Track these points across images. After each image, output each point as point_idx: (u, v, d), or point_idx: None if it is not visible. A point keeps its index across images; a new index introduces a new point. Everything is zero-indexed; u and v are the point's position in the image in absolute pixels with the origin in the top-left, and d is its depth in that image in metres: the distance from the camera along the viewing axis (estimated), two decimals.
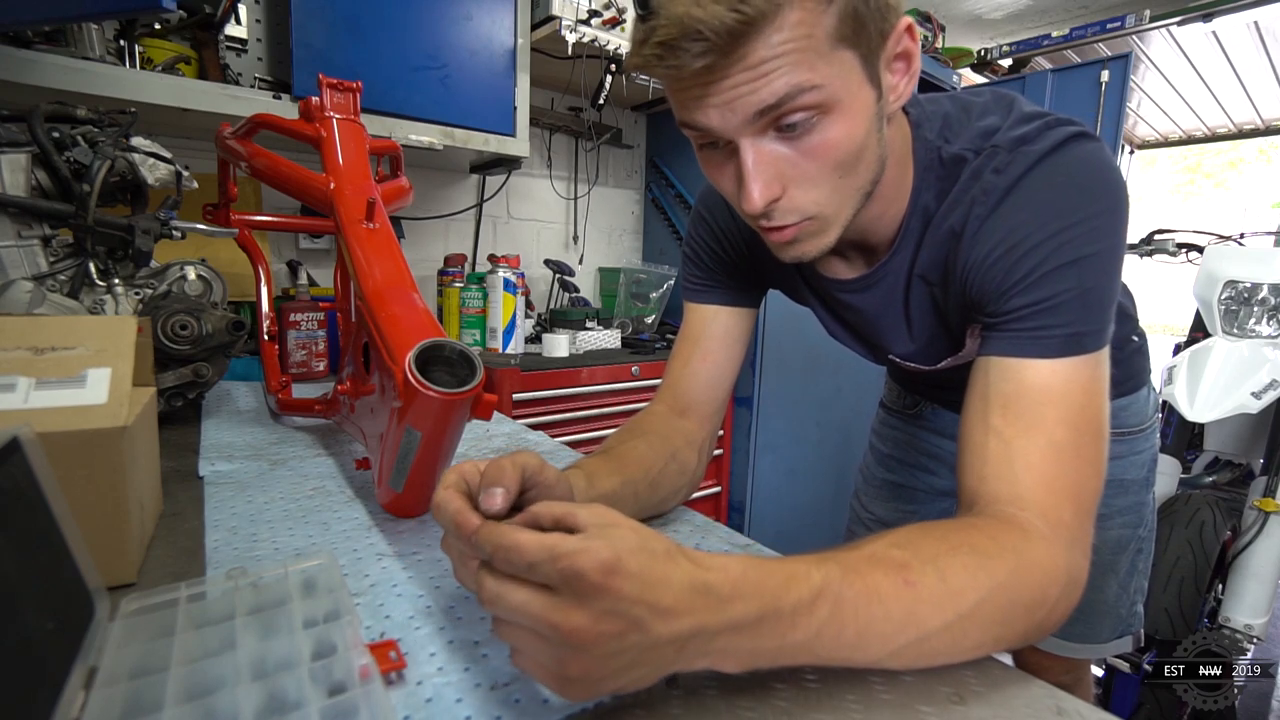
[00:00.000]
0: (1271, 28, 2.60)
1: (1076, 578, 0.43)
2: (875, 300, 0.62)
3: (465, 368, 0.51)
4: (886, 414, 1.02)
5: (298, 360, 1.34)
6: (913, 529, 0.40)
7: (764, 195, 0.47)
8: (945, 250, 0.55)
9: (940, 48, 2.59)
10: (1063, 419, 0.45)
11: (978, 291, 0.51)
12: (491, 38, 1.55)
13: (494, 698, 0.37)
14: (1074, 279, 0.46)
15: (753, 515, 2.01)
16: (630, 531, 0.31)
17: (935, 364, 0.67)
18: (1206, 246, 1.82)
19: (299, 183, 0.81)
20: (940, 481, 0.95)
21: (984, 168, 0.51)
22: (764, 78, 0.42)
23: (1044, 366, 0.46)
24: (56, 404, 0.45)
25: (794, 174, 0.47)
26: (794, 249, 0.52)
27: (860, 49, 0.44)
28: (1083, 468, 0.45)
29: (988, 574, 0.38)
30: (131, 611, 0.38)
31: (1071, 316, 0.46)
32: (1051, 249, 0.47)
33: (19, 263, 0.77)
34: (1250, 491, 1.56)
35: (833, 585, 0.34)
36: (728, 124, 0.45)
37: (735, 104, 0.43)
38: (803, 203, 0.48)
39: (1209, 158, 4.18)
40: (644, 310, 2.09)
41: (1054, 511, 0.43)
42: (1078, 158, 0.49)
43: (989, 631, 0.39)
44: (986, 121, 0.53)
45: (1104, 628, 0.85)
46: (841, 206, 0.50)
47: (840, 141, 0.46)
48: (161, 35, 1.23)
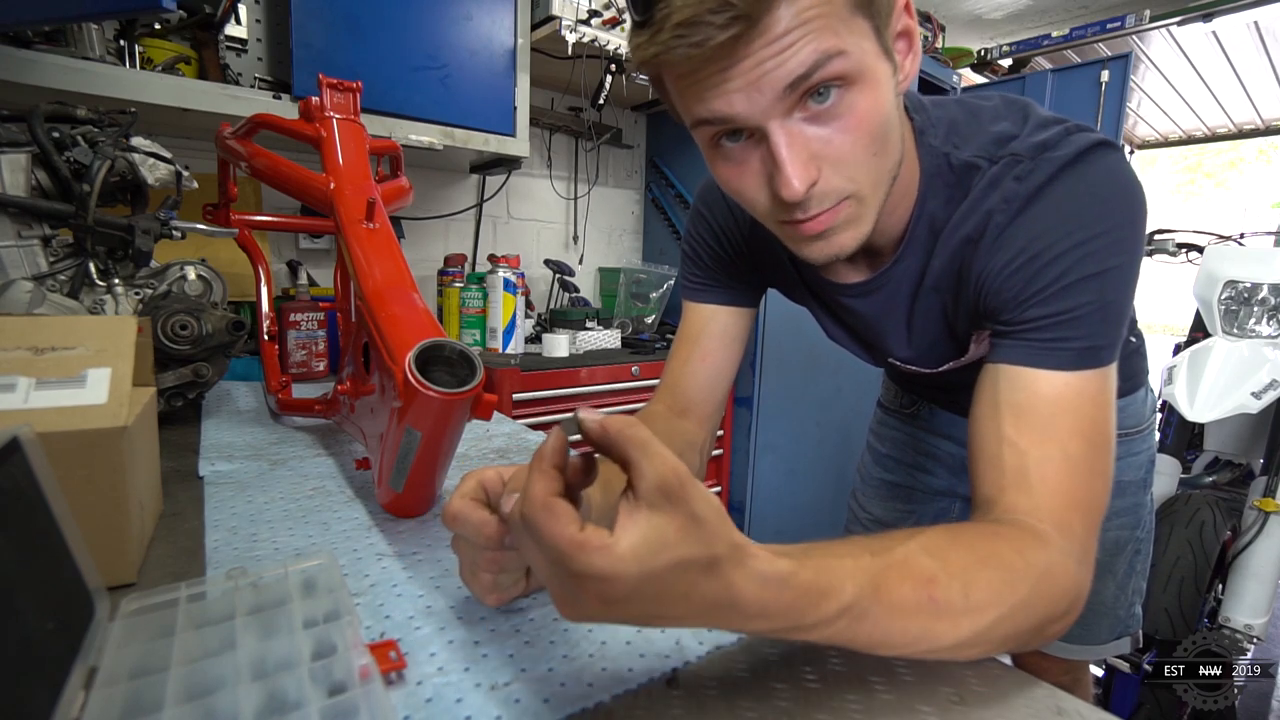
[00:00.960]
0: (1271, 28, 2.60)
1: (1084, 590, 0.43)
2: (877, 305, 0.62)
3: (465, 368, 0.51)
4: (884, 413, 1.02)
5: (298, 360, 1.34)
6: (942, 532, 0.40)
7: (804, 178, 0.44)
8: (959, 258, 0.54)
9: (940, 48, 2.59)
10: (1076, 431, 0.45)
11: (994, 298, 0.50)
12: (491, 38, 1.55)
13: (494, 698, 0.37)
14: (1096, 292, 0.46)
15: (753, 515, 2.01)
16: (678, 529, 0.29)
17: (937, 367, 0.67)
18: (1206, 246, 1.82)
19: (299, 183, 0.81)
20: (937, 481, 0.95)
21: (1003, 175, 0.50)
22: (790, 48, 0.40)
23: (1058, 378, 0.46)
24: (56, 404, 0.45)
25: (828, 153, 0.45)
26: (831, 242, 0.49)
27: (874, 19, 0.43)
28: (1094, 481, 0.45)
29: (1011, 590, 0.38)
30: (131, 611, 0.38)
31: (1090, 329, 0.46)
32: (1075, 259, 0.46)
33: (19, 263, 0.77)
34: (1250, 491, 1.56)
35: (861, 603, 0.34)
36: (755, 107, 0.42)
37: (761, 82, 0.41)
38: (839, 183, 0.46)
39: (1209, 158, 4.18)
40: (644, 310, 2.09)
41: (1066, 524, 0.43)
42: (1103, 168, 0.48)
43: (1000, 642, 0.39)
44: (999, 128, 0.52)
45: (1102, 629, 0.86)
46: (876, 186, 0.48)
47: (870, 113, 0.44)
48: (161, 35, 1.23)
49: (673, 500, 0.29)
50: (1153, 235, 2.02)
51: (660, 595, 0.29)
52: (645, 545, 0.28)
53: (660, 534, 0.29)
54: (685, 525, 0.29)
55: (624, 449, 0.30)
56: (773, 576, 0.31)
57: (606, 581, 0.28)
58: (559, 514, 0.29)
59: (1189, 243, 1.94)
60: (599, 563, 0.28)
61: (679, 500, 0.29)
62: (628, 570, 0.28)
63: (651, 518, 0.29)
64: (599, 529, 0.29)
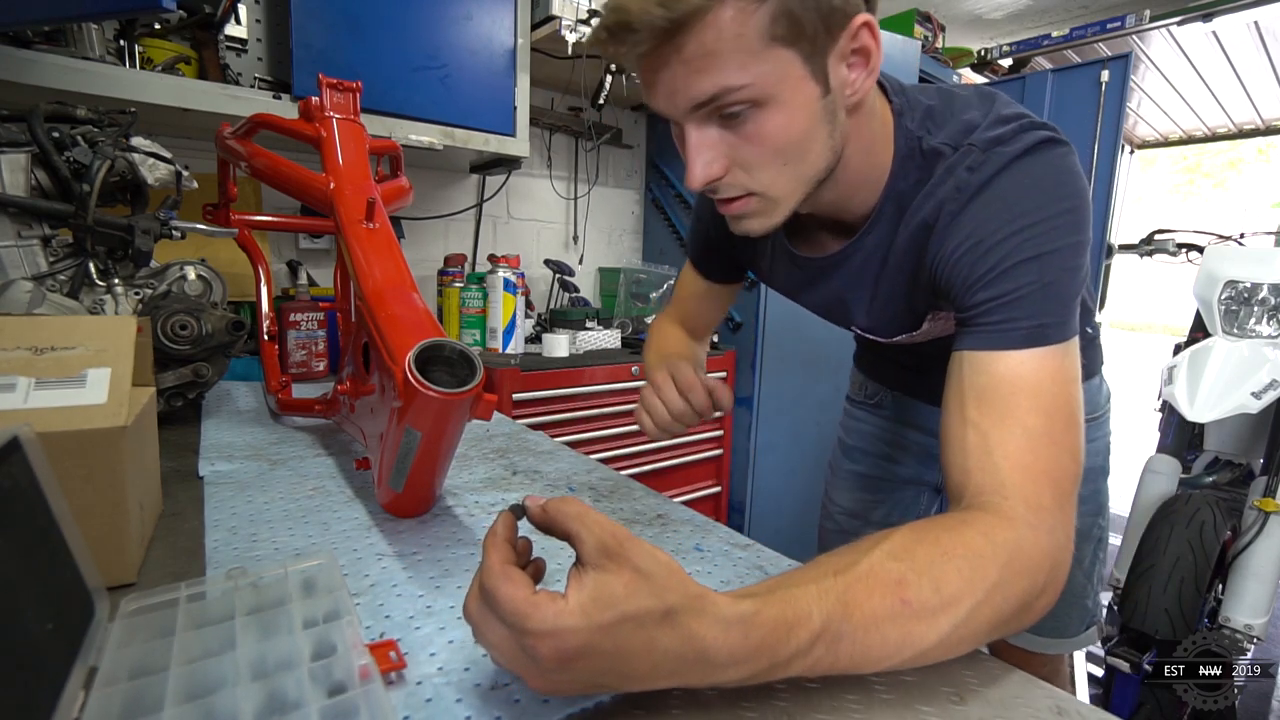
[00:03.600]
0: (1271, 28, 2.60)
1: (1061, 560, 0.44)
2: (844, 276, 0.66)
3: (465, 368, 0.51)
4: (852, 406, 1.05)
5: (298, 360, 1.34)
6: (910, 532, 0.41)
7: (702, 174, 0.51)
8: (918, 240, 0.57)
9: (940, 48, 2.59)
10: (1034, 407, 0.47)
11: (945, 283, 0.54)
12: (491, 38, 1.55)
13: (494, 698, 0.37)
14: (1035, 273, 0.48)
15: (753, 515, 2.01)
16: (625, 585, 0.31)
17: (890, 338, 0.71)
18: (1206, 246, 1.82)
19: (299, 183, 0.81)
20: (904, 470, 0.97)
21: (958, 164, 0.53)
22: (696, 74, 0.46)
23: (1012, 358, 0.48)
24: (56, 404, 0.45)
25: (736, 156, 0.51)
26: (741, 224, 0.57)
27: (800, 47, 0.47)
28: (1059, 454, 0.46)
29: (982, 576, 0.39)
30: (131, 611, 0.38)
31: (1034, 309, 0.48)
32: (1014, 245, 0.49)
33: (19, 263, 0.77)
34: (1250, 491, 1.56)
35: (832, 625, 0.35)
36: (672, 112, 0.50)
37: (675, 95, 0.48)
38: (745, 181, 0.53)
39: (1209, 158, 4.18)
40: (644, 310, 2.09)
41: (1034, 497, 0.44)
42: (1046, 162, 0.51)
43: (984, 629, 0.39)
44: (968, 116, 0.55)
45: (1072, 619, 0.87)
46: (789, 191, 0.54)
47: (777, 132, 0.49)
48: (161, 35, 1.23)
49: (614, 559, 0.31)
50: (1152, 235, 2.02)
51: (618, 651, 0.31)
52: (592, 602, 0.30)
53: (607, 590, 0.30)
54: (631, 581, 0.31)
55: (564, 524, 0.33)
56: (735, 619, 0.32)
57: (557, 637, 0.30)
58: (514, 579, 0.32)
59: (1189, 243, 1.94)
60: (550, 619, 0.30)
61: (620, 558, 0.31)
62: (576, 624, 0.30)
63: (598, 577, 0.31)
64: (552, 592, 0.31)
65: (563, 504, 0.34)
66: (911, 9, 2.44)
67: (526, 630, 0.30)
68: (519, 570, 0.33)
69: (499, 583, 0.31)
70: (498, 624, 0.32)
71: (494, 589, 0.31)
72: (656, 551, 0.32)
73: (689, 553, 0.59)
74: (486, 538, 0.35)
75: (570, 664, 0.30)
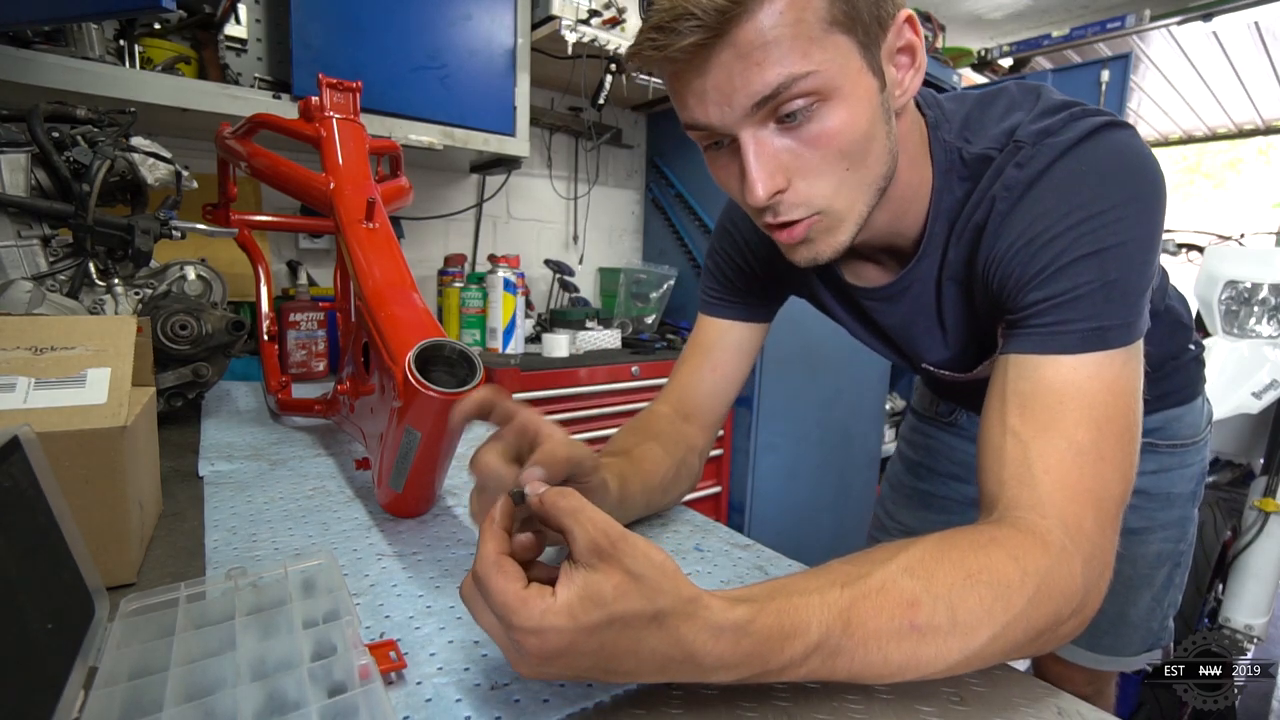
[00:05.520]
0: (1271, 28, 2.59)
1: (1095, 589, 0.41)
2: (905, 307, 0.61)
3: (465, 368, 0.51)
4: (917, 420, 0.98)
5: (298, 360, 1.34)
6: (930, 546, 0.38)
7: (767, 186, 0.46)
8: (970, 248, 0.53)
9: (940, 48, 2.59)
10: (1084, 419, 0.43)
11: (999, 286, 0.50)
12: (491, 37, 1.55)
13: (494, 698, 0.37)
14: (1095, 270, 0.44)
15: (753, 515, 2.01)
16: (615, 586, 0.30)
17: (970, 371, 0.64)
18: (1206, 246, 1.82)
19: (299, 183, 0.81)
20: (973, 490, 0.91)
21: (1005, 164, 0.50)
22: (756, 66, 0.42)
23: (1064, 363, 0.44)
24: (56, 404, 0.45)
25: (798, 165, 0.46)
26: (806, 249, 0.50)
27: (856, 35, 0.43)
28: (1106, 472, 0.42)
29: (1004, 608, 0.36)
30: (131, 611, 0.38)
31: (1093, 310, 0.44)
32: (1070, 240, 0.45)
33: (19, 263, 0.77)
34: (1250, 491, 1.56)
35: (831, 640, 0.33)
36: (726, 118, 0.45)
37: (731, 97, 0.43)
38: (809, 195, 0.47)
39: (1209, 158, 4.18)
40: (644, 310, 2.09)
41: (1075, 519, 0.41)
42: (1105, 147, 0.46)
43: (997, 657, 0.38)
44: (1012, 118, 0.51)
45: (1134, 640, 0.83)
46: (853, 201, 0.48)
47: (842, 129, 0.44)
48: (161, 35, 1.23)
49: (605, 559, 0.31)
50: None
51: (603, 650, 0.31)
52: (579, 602, 0.30)
53: (596, 590, 0.30)
54: (621, 583, 0.30)
55: (559, 518, 0.33)
56: (727, 626, 0.32)
57: (540, 635, 0.30)
58: (507, 571, 0.32)
59: (1189, 243, 1.94)
60: (536, 617, 0.30)
61: (611, 559, 0.31)
62: (561, 624, 0.30)
63: (588, 576, 0.31)
64: (542, 587, 0.31)
65: (559, 497, 0.33)
66: (912, 9, 2.44)
67: (513, 625, 0.30)
68: (512, 561, 0.32)
69: (491, 573, 0.32)
70: (487, 611, 0.32)
71: (486, 578, 0.31)
72: (651, 551, 0.31)
73: (689, 553, 0.59)
74: (484, 524, 0.35)
75: (554, 660, 0.30)
